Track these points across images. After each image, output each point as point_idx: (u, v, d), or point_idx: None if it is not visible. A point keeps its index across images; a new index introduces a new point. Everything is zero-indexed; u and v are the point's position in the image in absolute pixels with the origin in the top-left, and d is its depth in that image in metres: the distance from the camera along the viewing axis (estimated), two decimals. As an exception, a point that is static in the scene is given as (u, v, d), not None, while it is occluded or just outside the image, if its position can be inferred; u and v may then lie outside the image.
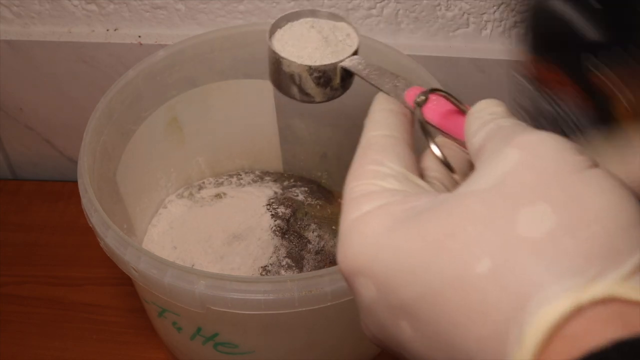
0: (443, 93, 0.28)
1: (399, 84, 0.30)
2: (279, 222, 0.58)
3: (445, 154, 0.26)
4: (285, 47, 0.36)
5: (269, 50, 0.36)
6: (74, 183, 0.46)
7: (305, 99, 0.36)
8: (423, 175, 0.27)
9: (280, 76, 0.36)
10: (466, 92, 0.58)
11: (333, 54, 0.35)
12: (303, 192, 0.63)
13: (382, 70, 0.32)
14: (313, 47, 0.36)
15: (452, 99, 0.27)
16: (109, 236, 0.41)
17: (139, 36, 0.63)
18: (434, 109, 0.28)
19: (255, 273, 0.55)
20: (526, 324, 0.18)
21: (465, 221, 0.20)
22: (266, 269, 0.55)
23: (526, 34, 0.35)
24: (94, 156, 0.47)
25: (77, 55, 0.64)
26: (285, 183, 0.64)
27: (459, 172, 0.26)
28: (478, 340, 0.19)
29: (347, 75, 0.35)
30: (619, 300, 0.17)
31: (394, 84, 0.30)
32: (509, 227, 0.19)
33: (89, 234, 0.45)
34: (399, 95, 0.29)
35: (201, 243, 0.57)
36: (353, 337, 0.47)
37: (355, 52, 0.35)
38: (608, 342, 0.17)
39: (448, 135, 0.27)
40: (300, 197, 0.62)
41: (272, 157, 0.65)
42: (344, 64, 0.35)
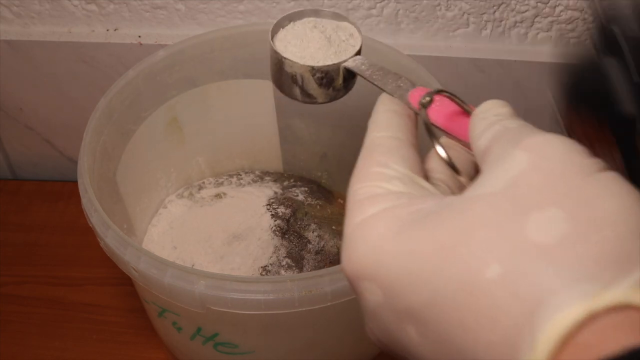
0: (448, 94, 0.28)
1: (402, 84, 0.30)
2: (279, 222, 0.58)
3: (450, 155, 0.26)
4: (287, 47, 0.36)
5: (271, 51, 0.36)
6: (74, 183, 0.45)
7: (307, 99, 0.36)
8: (427, 177, 0.26)
9: (282, 77, 0.36)
10: (466, 92, 0.58)
11: (336, 54, 0.35)
12: (303, 192, 0.63)
13: (385, 71, 0.32)
14: (316, 47, 0.35)
15: (457, 100, 0.27)
16: (109, 236, 0.41)
17: (139, 36, 0.63)
18: (438, 110, 0.27)
19: (255, 273, 0.55)
20: (538, 330, 0.17)
21: (475, 226, 0.20)
22: (266, 269, 0.55)
23: (574, 84, 0.34)
24: (94, 156, 0.47)
25: (77, 55, 0.64)
26: (285, 183, 0.64)
27: (463, 173, 0.26)
28: (488, 346, 0.19)
29: (350, 76, 0.35)
30: (632, 307, 0.17)
31: (397, 84, 0.30)
32: (519, 232, 0.19)
33: (89, 234, 0.45)
34: (402, 96, 0.29)
35: (201, 243, 0.57)
36: (353, 337, 0.47)
37: (358, 52, 0.35)
38: (622, 349, 0.16)
39: (452, 137, 0.27)
40: (300, 197, 0.62)
41: (272, 157, 0.65)
42: (347, 64, 0.34)
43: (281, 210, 0.60)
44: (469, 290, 0.19)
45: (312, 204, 0.62)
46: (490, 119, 0.24)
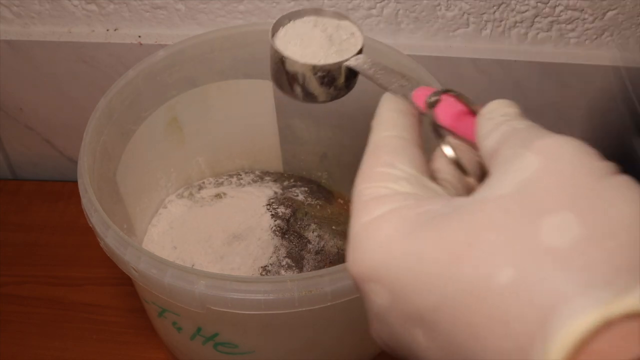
0: (455, 93, 0.27)
1: (405, 83, 0.29)
2: (279, 222, 0.58)
3: (457, 155, 0.26)
4: (288, 46, 0.35)
5: (271, 49, 0.35)
6: (74, 183, 0.45)
7: (308, 99, 0.35)
8: (434, 177, 0.26)
9: (283, 76, 0.35)
10: (466, 92, 0.58)
11: (337, 53, 0.35)
12: (303, 192, 0.63)
13: (388, 70, 0.31)
14: (317, 46, 0.35)
15: (464, 99, 0.27)
16: (109, 236, 0.41)
17: (139, 36, 0.63)
18: (445, 109, 0.27)
19: (255, 273, 0.55)
20: (551, 337, 0.17)
21: (486, 229, 0.19)
22: (266, 269, 0.55)
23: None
24: (94, 156, 0.47)
25: (77, 55, 0.64)
26: (285, 183, 0.64)
27: (471, 174, 0.26)
28: (498, 353, 0.18)
29: (352, 75, 0.35)
30: None
31: (401, 83, 0.30)
32: (531, 236, 0.19)
33: (89, 234, 0.45)
34: (406, 96, 0.29)
35: (201, 243, 0.57)
36: (353, 337, 0.47)
37: (360, 51, 0.35)
38: (637, 358, 0.16)
39: (458, 137, 0.26)
40: (300, 197, 0.62)
41: (272, 157, 0.65)
42: (348, 63, 0.34)
43: (281, 210, 0.60)
44: (479, 294, 0.19)
45: (312, 204, 0.62)
46: (498, 119, 0.24)
